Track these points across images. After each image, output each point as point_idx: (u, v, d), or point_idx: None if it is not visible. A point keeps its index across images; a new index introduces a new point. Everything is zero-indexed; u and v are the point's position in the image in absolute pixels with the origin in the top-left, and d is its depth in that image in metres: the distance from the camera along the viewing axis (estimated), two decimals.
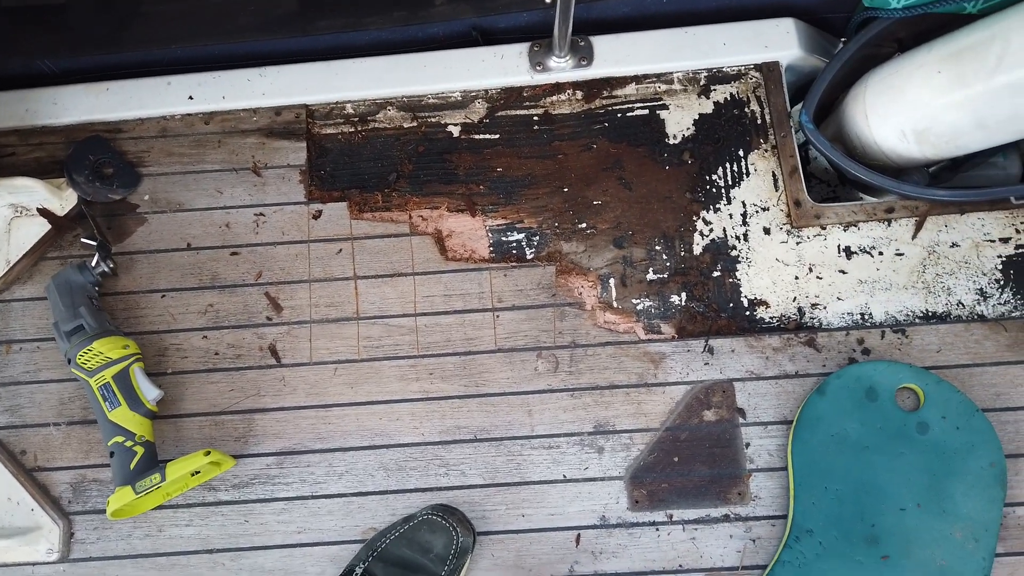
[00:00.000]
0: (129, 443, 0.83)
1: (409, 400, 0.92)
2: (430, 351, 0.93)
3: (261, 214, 0.98)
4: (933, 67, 0.88)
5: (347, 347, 0.94)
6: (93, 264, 0.92)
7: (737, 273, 0.94)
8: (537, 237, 0.97)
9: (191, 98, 1.02)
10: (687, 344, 0.92)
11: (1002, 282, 0.92)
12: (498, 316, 0.94)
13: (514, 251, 0.97)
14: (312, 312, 0.95)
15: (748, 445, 0.88)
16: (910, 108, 0.90)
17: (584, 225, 0.97)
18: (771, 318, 0.93)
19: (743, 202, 0.97)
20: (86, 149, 0.98)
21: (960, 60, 0.85)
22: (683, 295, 0.94)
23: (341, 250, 0.97)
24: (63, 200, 0.96)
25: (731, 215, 0.96)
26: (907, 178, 0.99)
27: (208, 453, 0.83)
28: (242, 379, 0.92)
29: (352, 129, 1.02)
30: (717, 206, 0.97)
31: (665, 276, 0.95)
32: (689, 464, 0.88)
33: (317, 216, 0.99)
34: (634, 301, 0.94)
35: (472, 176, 1.00)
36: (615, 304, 0.94)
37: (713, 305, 0.93)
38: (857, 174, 0.92)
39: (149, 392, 0.87)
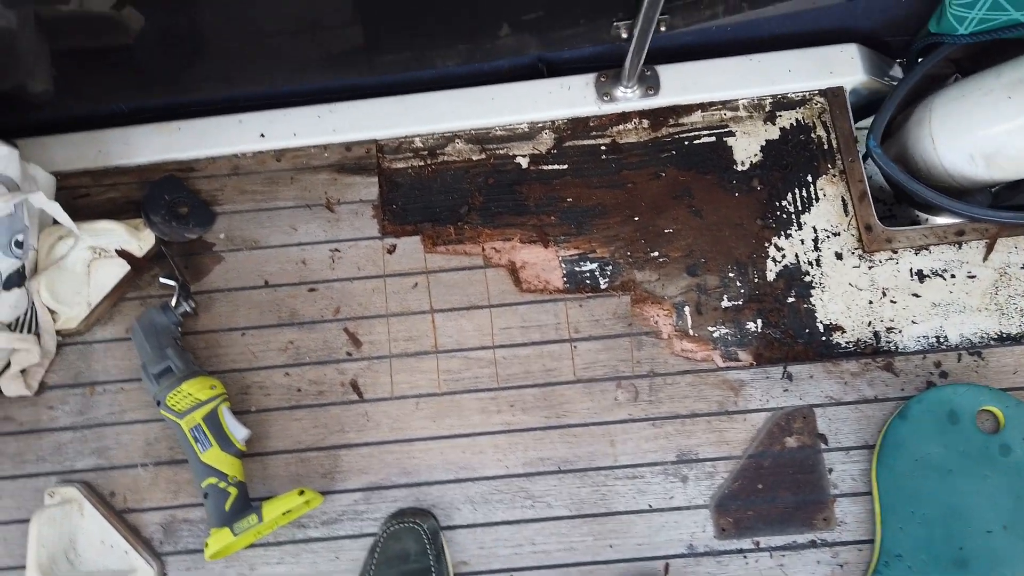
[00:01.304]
0: (223, 484, 0.85)
1: (491, 433, 0.93)
2: (510, 383, 0.95)
3: (336, 249, 1.00)
4: (1003, 92, 0.89)
5: (427, 381, 0.95)
6: (174, 304, 0.94)
7: (811, 299, 0.96)
8: (610, 267, 0.98)
9: (262, 136, 1.03)
10: (765, 371, 0.93)
11: None
12: (575, 347, 0.96)
13: (588, 281, 0.98)
14: (391, 347, 0.96)
15: (831, 471, 0.89)
16: (979, 133, 0.92)
17: (656, 254, 0.98)
18: (847, 343, 0.94)
19: (814, 227, 0.98)
20: (161, 189, 0.99)
21: None
22: (759, 322, 0.95)
23: (416, 284, 0.99)
24: (141, 241, 0.97)
25: (802, 241, 0.98)
26: (971, 199, 1.01)
27: (302, 492, 0.84)
28: (325, 415, 0.94)
29: (422, 163, 1.04)
30: (788, 232, 0.98)
31: (740, 303, 0.96)
32: (773, 491, 0.89)
33: (391, 251, 1.00)
34: (710, 329, 0.95)
35: (542, 207, 1.01)
36: (691, 332, 0.95)
37: (789, 331, 0.95)
38: (928, 197, 0.94)
39: (238, 432, 0.88)
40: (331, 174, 1.03)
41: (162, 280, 0.96)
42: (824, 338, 0.94)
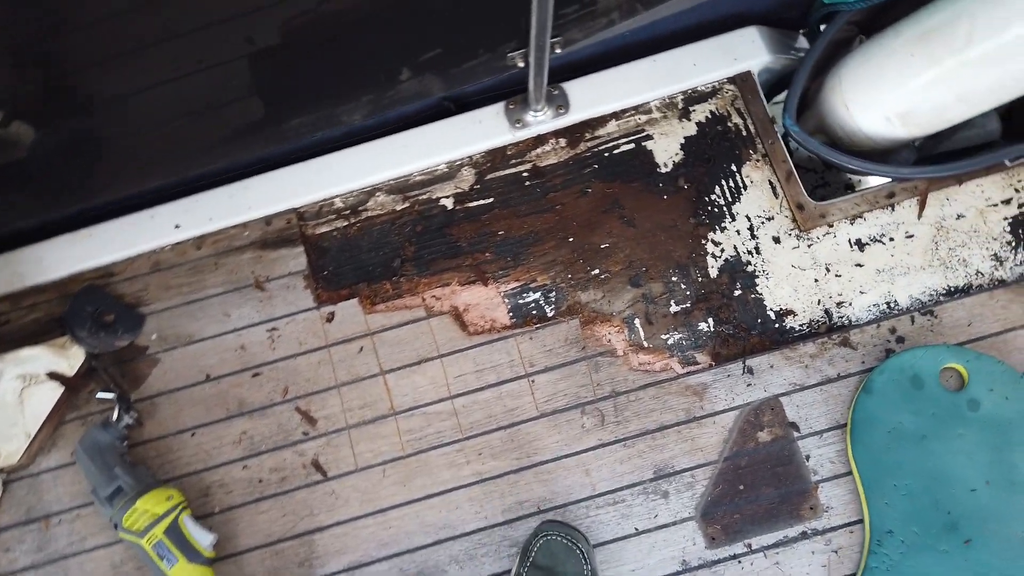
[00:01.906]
0: None
1: (464, 486, 0.91)
2: (474, 431, 0.93)
3: (274, 328, 0.97)
4: (905, 51, 0.90)
5: (390, 445, 0.93)
6: (115, 418, 0.91)
7: (758, 288, 0.95)
8: (553, 293, 0.97)
9: (178, 226, 1.00)
10: (726, 369, 0.92)
11: (1013, 243, 0.94)
12: (533, 381, 0.94)
13: (534, 312, 0.97)
14: (347, 417, 0.94)
15: (808, 458, 0.89)
16: (890, 94, 0.92)
17: (597, 271, 0.97)
18: (801, 326, 0.94)
19: (747, 216, 0.98)
20: (82, 301, 0.96)
21: (930, 41, 0.87)
22: (710, 321, 0.94)
23: (362, 348, 0.96)
24: (70, 359, 0.94)
25: (738, 231, 0.97)
26: (895, 158, 1.01)
27: None
28: (292, 502, 0.91)
29: (346, 223, 1.02)
30: (723, 225, 0.98)
31: (688, 305, 0.95)
32: (756, 489, 0.88)
33: (330, 319, 0.98)
34: (663, 337, 0.94)
35: (475, 245, 1.00)
36: (646, 344, 0.94)
37: (742, 325, 0.94)
38: (853, 167, 0.94)
39: (204, 539, 0.85)
40: (255, 252, 1.00)
41: (99, 395, 0.93)
42: (777, 325, 0.94)
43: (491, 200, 1.01)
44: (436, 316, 0.97)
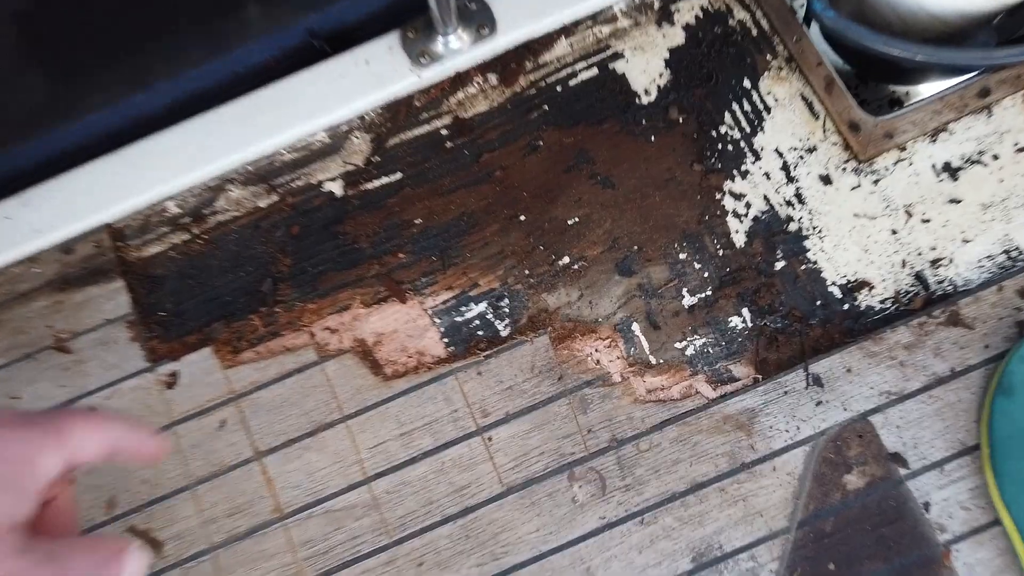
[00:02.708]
0: None
1: None
2: (408, 529, 0.61)
3: (89, 408, 0.64)
4: None
5: (280, 568, 0.60)
6: None
7: (809, 254, 0.64)
8: (506, 300, 0.65)
9: None
10: (780, 384, 0.61)
11: None
12: (490, 439, 0.62)
13: (480, 332, 0.65)
14: (211, 532, 0.61)
15: (928, 506, 0.57)
16: None
17: (567, 260, 0.66)
18: (883, 302, 0.62)
19: (776, 150, 0.66)
20: None
21: None
22: (745, 312, 0.63)
23: (224, 421, 0.64)
24: None
25: (767, 174, 0.66)
26: (973, 43, 0.71)
27: None
28: None
29: (187, 236, 0.69)
30: (743, 168, 0.66)
31: (710, 293, 0.64)
32: (854, 566, 0.57)
33: (172, 383, 0.65)
34: (678, 346, 0.63)
35: (382, 244, 0.67)
36: (653, 360, 0.63)
37: (794, 312, 0.63)
38: (928, 58, 0.63)
39: None
40: (51, 297, 0.67)
41: None
42: (847, 306, 0.62)
43: (398, 176, 0.69)
44: (334, 358, 0.65)
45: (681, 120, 0.68)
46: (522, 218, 0.67)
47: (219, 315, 0.67)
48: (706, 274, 0.64)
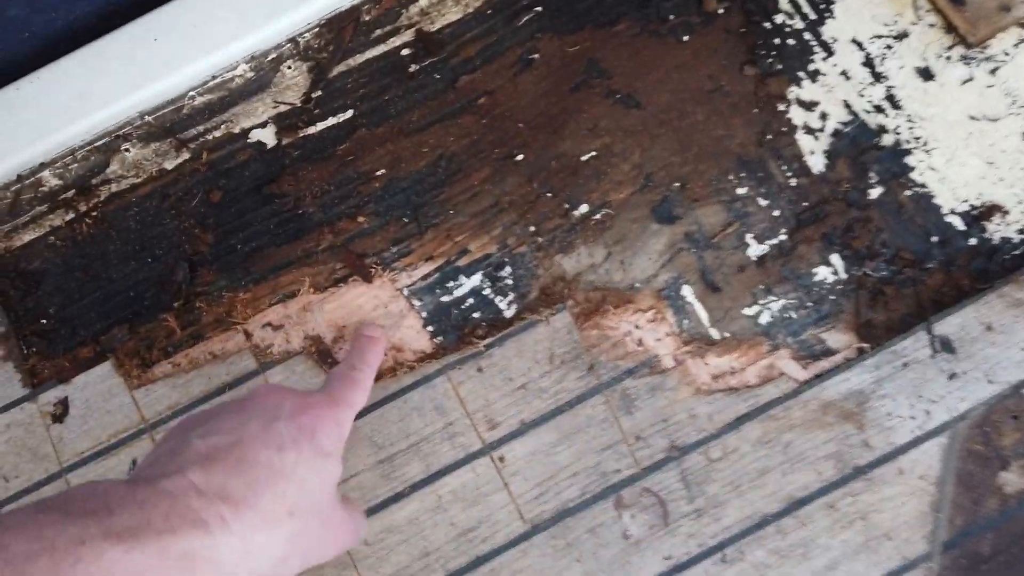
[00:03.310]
0: None
1: None
2: None
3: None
4: None
5: None
6: None
7: (913, 174, 0.48)
8: (508, 268, 0.48)
9: None
10: (895, 353, 0.44)
11: None
12: (502, 459, 0.45)
13: (476, 314, 0.48)
14: None
15: None
16: None
17: (585, 208, 0.49)
18: (1021, 232, 0.46)
19: (854, 40, 0.50)
20: None
21: None
22: (834, 259, 0.47)
23: (136, 462, 0.47)
24: None
25: (845, 73, 0.49)
26: None
27: None
28: None
29: (72, 215, 0.52)
30: (811, 67, 0.50)
31: (784, 238, 0.47)
32: None
33: (60, 414, 0.48)
34: (748, 312, 0.46)
35: (334, 206, 0.50)
36: (716, 334, 0.46)
37: (903, 255, 0.46)
38: None
39: None
40: None
41: None
42: (974, 240, 0.46)
43: (349, 114, 0.52)
44: (279, 363, 0.48)
45: (721, 11, 0.51)
46: (519, 157, 0.50)
47: (120, 317, 0.50)
48: (776, 212, 0.48)
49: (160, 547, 0.29)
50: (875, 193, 0.48)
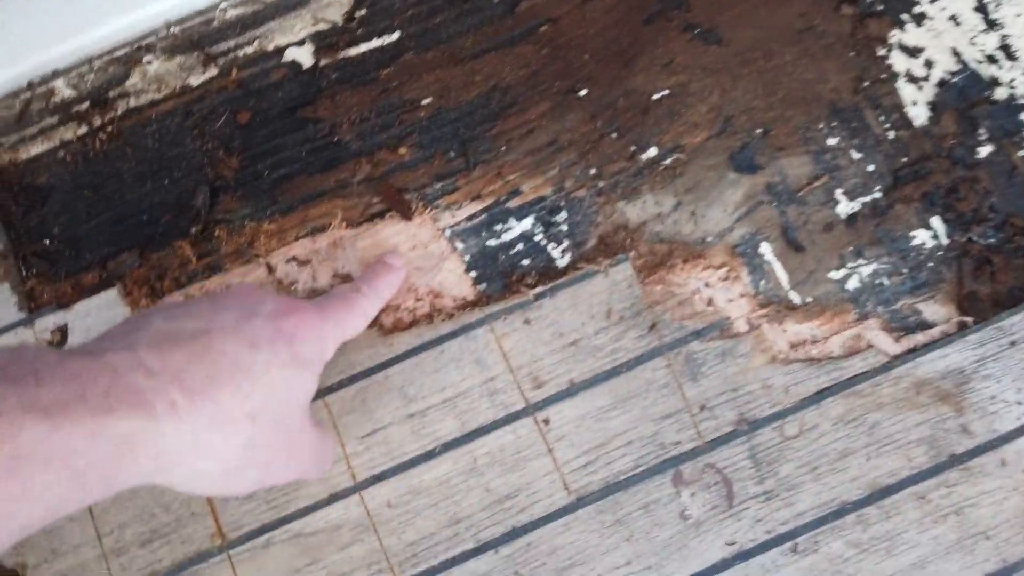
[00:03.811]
0: None
1: None
2: (421, 562, 0.40)
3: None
4: None
5: None
6: None
7: None
8: (563, 212, 0.44)
9: None
10: (1002, 329, 0.40)
11: None
12: (547, 422, 0.41)
13: (526, 261, 0.44)
14: (123, 566, 0.41)
15: None
16: None
17: (654, 151, 0.45)
18: None
19: None
20: None
21: None
22: (935, 222, 0.42)
23: None
24: None
25: (954, 18, 0.45)
26: None
27: None
28: None
29: (85, 129, 0.48)
30: (915, 9, 0.45)
31: (879, 196, 0.43)
32: None
33: (58, 343, 0.44)
34: (834, 276, 0.42)
35: (374, 135, 0.46)
36: (796, 298, 0.42)
37: (1014, 220, 0.42)
38: None
39: None
40: None
41: None
42: None
43: (395, 36, 0.48)
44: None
45: None
46: (583, 92, 0.46)
47: (131, 242, 0.46)
48: (871, 167, 0.43)
49: (93, 427, 0.25)
50: (984, 151, 0.43)
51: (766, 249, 0.43)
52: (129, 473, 0.27)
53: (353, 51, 0.48)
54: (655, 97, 0.46)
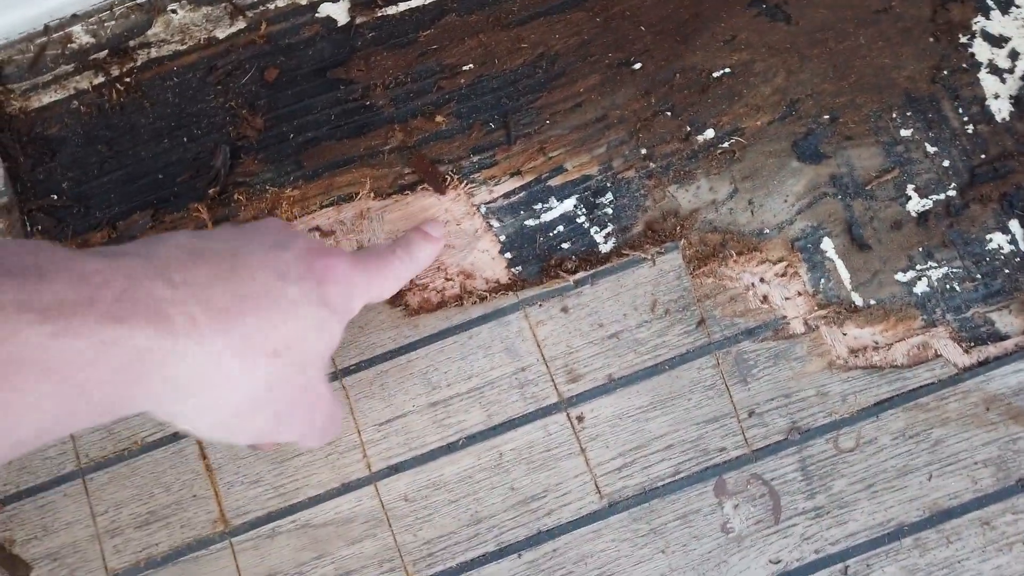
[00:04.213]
0: None
1: None
2: (438, 563, 0.38)
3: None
4: None
5: None
6: None
7: None
8: (609, 195, 0.42)
9: None
10: None
11: None
12: (581, 419, 0.39)
13: (566, 245, 0.41)
14: (117, 546, 0.39)
15: None
16: None
17: (711, 133, 0.42)
18: None
19: None
20: None
21: None
22: (1015, 226, 0.40)
23: None
24: None
25: None
26: None
27: None
28: None
29: (101, 79, 0.46)
30: None
31: (954, 194, 0.40)
32: None
33: None
34: (901, 278, 0.39)
35: (409, 101, 0.44)
36: (859, 299, 0.39)
37: None
38: None
39: None
40: None
41: None
42: None
43: None
44: None
45: None
46: (637, 66, 0.43)
47: (143, 201, 0.44)
48: (946, 162, 0.41)
49: (101, 336, 0.22)
50: None
51: (828, 245, 0.40)
52: (137, 395, 0.24)
53: (392, 9, 0.46)
54: (715, 75, 0.43)
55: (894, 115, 0.42)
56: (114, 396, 0.24)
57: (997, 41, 0.42)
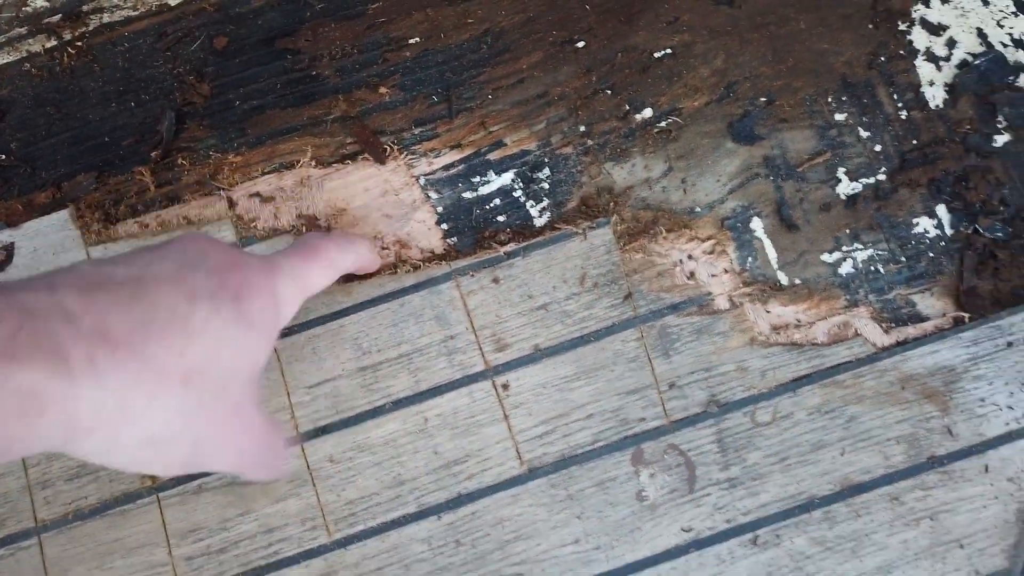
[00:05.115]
0: None
1: None
2: (359, 523, 0.41)
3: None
4: None
5: (147, 571, 0.41)
6: None
7: None
8: (546, 170, 0.45)
9: None
10: (1000, 328, 0.40)
11: None
12: (506, 387, 0.42)
13: (501, 218, 0.44)
14: (44, 503, 0.42)
15: None
16: None
17: (649, 112, 0.45)
18: None
19: None
20: None
21: None
22: (940, 211, 0.42)
23: None
24: None
25: None
26: None
27: None
28: None
29: (53, 43, 0.49)
30: None
31: (883, 178, 0.43)
32: None
33: (2, 262, 0.45)
34: (827, 259, 0.42)
35: (354, 72, 0.47)
36: (784, 278, 0.42)
37: None
38: None
39: None
40: None
41: None
42: None
43: None
44: (262, 240, 0.45)
45: None
46: (580, 44, 0.46)
47: (89, 164, 0.47)
48: (878, 147, 0.44)
49: None
50: (1001, 140, 0.43)
51: (757, 225, 0.43)
52: (32, 437, 0.24)
53: None
54: (656, 55, 0.46)
55: (829, 99, 0.44)
56: (6, 438, 0.24)
57: (935, 29, 0.45)
